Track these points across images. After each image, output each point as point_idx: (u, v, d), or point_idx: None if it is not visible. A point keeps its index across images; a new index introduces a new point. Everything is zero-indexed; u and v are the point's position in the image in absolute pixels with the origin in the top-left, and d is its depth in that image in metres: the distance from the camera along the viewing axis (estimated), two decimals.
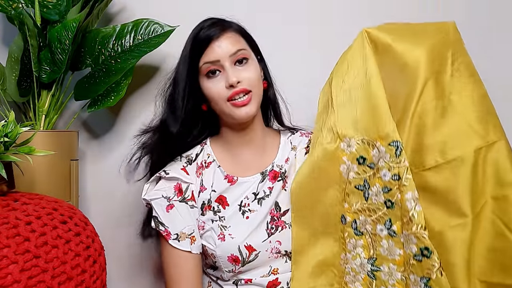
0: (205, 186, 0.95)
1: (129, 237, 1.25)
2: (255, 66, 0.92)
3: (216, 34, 0.88)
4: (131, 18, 1.17)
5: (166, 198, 0.92)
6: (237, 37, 0.91)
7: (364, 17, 1.29)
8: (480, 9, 1.32)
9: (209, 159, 0.98)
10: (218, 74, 0.89)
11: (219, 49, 0.88)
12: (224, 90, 0.88)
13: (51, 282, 0.70)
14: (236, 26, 0.93)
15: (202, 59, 0.89)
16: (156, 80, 1.25)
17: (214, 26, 0.90)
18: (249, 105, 0.88)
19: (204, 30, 0.89)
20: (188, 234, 0.90)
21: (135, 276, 1.27)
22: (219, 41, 0.88)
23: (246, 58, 0.90)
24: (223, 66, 0.88)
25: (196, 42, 0.90)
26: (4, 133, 0.80)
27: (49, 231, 0.75)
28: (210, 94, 0.90)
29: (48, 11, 1.08)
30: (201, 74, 0.91)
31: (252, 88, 0.89)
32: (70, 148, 1.09)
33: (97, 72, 1.11)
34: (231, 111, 0.89)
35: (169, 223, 0.90)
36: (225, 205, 0.93)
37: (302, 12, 1.27)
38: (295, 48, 1.26)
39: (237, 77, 0.87)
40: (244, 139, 0.96)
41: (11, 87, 1.07)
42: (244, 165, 0.97)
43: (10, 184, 0.85)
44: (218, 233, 0.90)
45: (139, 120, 1.25)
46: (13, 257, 0.67)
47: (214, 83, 0.89)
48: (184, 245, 0.89)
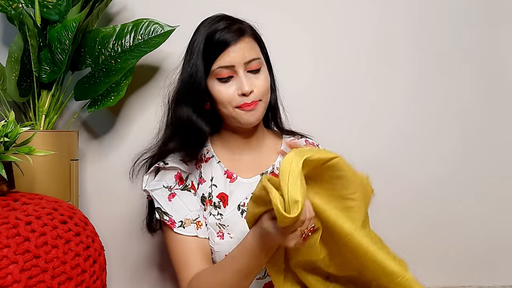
0: (204, 178, 0.95)
1: (129, 237, 1.25)
2: (266, 75, 0.92)
3: (233, 40, 0.87)
4: (131, 18, 1.17)
5: (167, 187, 0.93)
6: (253, 43, 0.91)
7: (365, 25, 1.29)
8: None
9: (208, 154, 0.98)
10: (230, 78, 0.89)
11: (235, 54, 0.87)
12: (236, 97, 0.88)
13: (51, 282, 0.70)
14: (252, 31, 0.92)
15: (216, 62, 0.88)
16: (156, 80, 1.25)
17: (231, 29, 0.88)
18: (256, 112, 0.89)
19: (221, 33, 0.87)
20: (193, 219, 0.90)
21: (135, 276, 1.27)
22: (236, 46, 0.87)
23: (260, 66, 0.90)
24: (237, 72, 0.88)
25: (211, 44, 0.88)
26: (4, 133, 0.80)
27: (49, 231, 0.75)
28: (220, 98, 0.89)
29: (48, 11, 1.08)
30: (211, 76, 0.90)
31: (262, 97, 0.90)
32: (70, 148, 1.09)
33: (97, 72, 1.11)
34: (237, 116, 0.89)
35: (173, 211, 0.91)
36: (226, 203, 0.93)
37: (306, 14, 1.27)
38: (297, 53, 1.27)
39: (250, 86, 0.87)
40: (244, 141, 0.97)
41: (11, 87, 1.07)
42: (244, 166, 0.97)
43: (10, 184, 0.85)
44: (217, 231, 0.91)
45: (139, 120, 1.25)
46: (13, 257, 0.67)
47: (226, 88, 0.88)
48: (190, 231, 0.89)
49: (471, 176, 1.33)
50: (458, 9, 1.31)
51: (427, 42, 1.31)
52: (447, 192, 1.32)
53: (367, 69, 1.30)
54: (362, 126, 1.30)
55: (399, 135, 1.31)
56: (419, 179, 1.32)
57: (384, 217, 1.31)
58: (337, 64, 1.30)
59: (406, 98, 1.31)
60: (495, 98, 1.33)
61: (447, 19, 1.31)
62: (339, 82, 1.30)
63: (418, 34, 1.31)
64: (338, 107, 1.30)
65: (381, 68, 1.30)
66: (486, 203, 1.33)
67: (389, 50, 1.30)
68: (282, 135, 1.05)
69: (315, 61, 1.29)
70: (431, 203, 1.32)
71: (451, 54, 1.31)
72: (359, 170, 0.77)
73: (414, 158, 1.32)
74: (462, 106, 1.32)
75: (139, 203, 1.23)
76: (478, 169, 1.33)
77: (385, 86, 1.31)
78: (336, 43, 1.29)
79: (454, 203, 1.33)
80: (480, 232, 1.33)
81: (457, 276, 1.33)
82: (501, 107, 1.34)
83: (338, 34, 1.29)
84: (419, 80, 1.31)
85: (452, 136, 1.32)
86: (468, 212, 1.33)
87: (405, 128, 1.31)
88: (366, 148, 1.29)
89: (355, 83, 1.30)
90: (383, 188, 1.29)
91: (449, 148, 1.33)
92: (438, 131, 1.32)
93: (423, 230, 1.33)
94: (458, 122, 1.32)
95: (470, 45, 1.32)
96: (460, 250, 1.33)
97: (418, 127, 1.32)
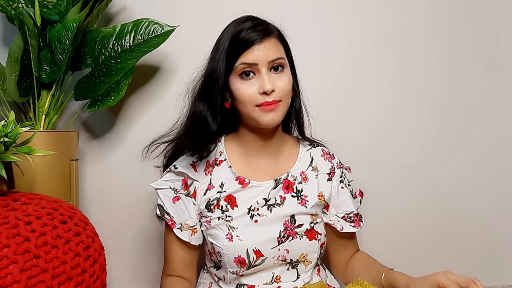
0: (213, 184, 0.95)
1: (129, 237, 1.26)
2: (289, 77, 0.91)
3: (259, 39, 0.87)
4: (131, 18, 1.17)
5: (174, 189, 0.95)
6: (278, 44, 0.91)
7: (376, 19, 1.29)
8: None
9: (220, 157, 0.98)
10: (253, 76, 0.88)
11: (260, 53, 0.87)
12: (257, 95, 0.88)
13: (51, 282, 0.70)
14: (278, 32, 0.93)
15: (240, 59, 0.88)
16: (157, 80, 1.25)
17: (258, 28, 0.88)
18: (276, 112, 0.88)
19: (246, 32, 0.88)
20: (190, 226, 0.94)
21: (135, 276, 1.27)
22: (261, 45, 0.87)
23: (283, 66, 0.90)
24: (260, 70, 0.88)
25: (236, 42, 0.88)
26: (4, 133, 0.80)
27: (49, 231, 0.75)
28: (241, 96, 0.89)
29: (48, 11, 1.08)
30: (234, 73, 0.89)
31: (283, 98, 0.89)
32: (70, 148, 1.09)
33: (97, 72, 1.11)
34: (257, 116, 0.88)
35: (175, 213, 0.94)
36: (234, 205, 0.93)
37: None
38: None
39: (272, 85, 0.87)
40: (261, 143, 0.96)
41: (11, 87, 1.07)
42: (258, 169, 0.96)
43: (10, 184, 0.85)
44: (226, 233, 0.90)
45: (139, 120, 1.25)
46: (13, 257, 0.67)
47: (247, 85, 0.88)
48: (185, 236, 0.94)
49: (470, 175, 1.33)
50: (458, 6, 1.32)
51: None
52: (446, 192, 1.32)
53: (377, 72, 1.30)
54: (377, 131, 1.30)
55: (399, 133, 1.32)
56: (418, 179, 1.32)
57: (383, 217, 1.31)
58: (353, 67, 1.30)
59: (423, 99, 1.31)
60: (496, 95, 1.33)
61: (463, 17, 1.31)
62: (347, 83, 1.30)
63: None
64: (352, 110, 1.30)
65: (386, 72, 1.30)
66: (486, 203, 1.34)
67: (392, 51, 1.30)
68: (299, 141, 1.04)
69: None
70: (430, 203, 1.32)
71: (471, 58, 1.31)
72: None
73: (412, 158, 1.32)
74: (462, 105, 1.32)
75: (139, 203, 1.24)
76: (477, 168, 1.33)
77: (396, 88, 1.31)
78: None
79: (454, 203, 1.33)
80: (480, 231, 1.33)
81: None
82: (502, 105, 1.34)
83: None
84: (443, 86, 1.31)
85: (452, 136, 1.32)
86: (468, 212, 1.33)
87: (404, 126, 1.32)
88: (371, 149, 1.30)
89: (368, 87, 1.30)
90: (381, 188, 1.30)
91: (447, 149, 1.33)
92: (437, 131, 1.32)
93: (422, 230, 1.33)
94: (457, 121, 1.33)
95: (473, 43, 1.32)
96: (459, 250, 1.33)
97: (417, 127, 1.32)
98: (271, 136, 0.96)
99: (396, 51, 1.30)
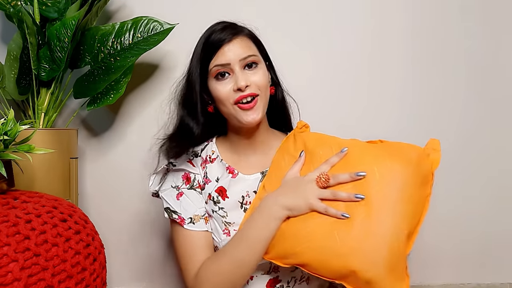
0: (209, 178, 0.97)
1: (129, 235, 1.26)
2: (264, 71, 0.93)
3: (227, 38, 0.90)
4: (131, 16, 1.17)
5: (175, 187, 0.96)
6: (248, 42, 0.93)
7: (368, 16, 1.29)
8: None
9: (213, 155, 1.00)
10: (228, 76, 0.90)
11: (230, 53, 0.89)
12: (232, 93, 0.89)
13: (51, 280, 0.70)
14: (247, 31, 0.95)
15: (213, 61, 0.90)
16: (156, 78, 1.25)
17: (226, 30, 0.91)
18: (255, 110, 0.90)
19: (216, 34, 0.91)
20: (202, 215, 0.94)
21: (135, 274, 1.27)
22: (230, 44, 0.90)
23: (256, 62, 0.92)
24: (233, 69, 0.90)
25: (207, 44, 0.91)
26: (4, 131, 0.80)
27: (49, 229, 0.75)
28: (218, 96, 0.91)
29: (47, 8, 1.07)
30: (210, 76, 0.92)
31: (259, 92, 0.91)
32: (70, 146, 1.09)
33: (96, 70, 1.11)
34: (237, 115, 0.90)
35: (181, 209, 0.93)
36: (225, 196, 0.94)
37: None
38: (302, 47, 1.27)
39: (246, 81, 0.88)
40: (247, 141, 0.98)
41: (10, 85, 1.07)
42: (247, 164, 0.98)
43: (10, 182, 0.85)
44: (223, 228, 0.92)
45: (139, 118, 1.25)
46: (13, 255, 0.67)
47: (223, 85, 0.90)
48: (200, 226, 0.92)
49: (469, 172, 1.33)
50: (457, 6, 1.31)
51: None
52: (445, 189, 1.32)
53: (367, 69, 1.30)
54: (368, 126, 1.30)
55: (396, 132, 1.32)
56: None
57: None
58: (340, 62, 1.30)
59: (405, 96, 1.31)
60: (495, 96, 1.33)
61: (449, 16, 1.31)
62: (341, 79, 1.30)
63: (417, 30, 1.31)
64: (340, 104, 1.30)
65: (379, 69, 1.30)
66: (484, 200, 1.34)
67: (386, 48, 1.30)
68: (286, 134, 1.05)
69: (315, 58, 1.29)
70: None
71: (455, 53, 1.31)
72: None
73: None
74: (460, 103, 1.32)
75: (139, 201, 1.24)
76: (476, 166, 1.33)
77: (381, 84, 1.31)
78: (336, 40, 1.29)
79: (452, 200, 1.33)
80: (478, 229, 1.34)
81: (456, 274, 1.33)
82: (499, 104, 1.34)
83: (340, 30, 1.29)
84: (421, 78, 1.31)
85: (449, 132, 1.32)
86: (467, 209, 1.33)
87: (404, 126, 1.32)
88: None
89: (358, 81, 1.30)
90: None
91: (445, 145, 1.33)
92: (434, 128, 1.32)
93: (421, 227, 1.33)
94: (455, 119, 1.33)
95: (470, 43, 1.32)
96: (458, 247, 1.34)
97: (416, 125, 1.32)
98: (255, 133, 0.97)
99: (391, 45, 1.30)
